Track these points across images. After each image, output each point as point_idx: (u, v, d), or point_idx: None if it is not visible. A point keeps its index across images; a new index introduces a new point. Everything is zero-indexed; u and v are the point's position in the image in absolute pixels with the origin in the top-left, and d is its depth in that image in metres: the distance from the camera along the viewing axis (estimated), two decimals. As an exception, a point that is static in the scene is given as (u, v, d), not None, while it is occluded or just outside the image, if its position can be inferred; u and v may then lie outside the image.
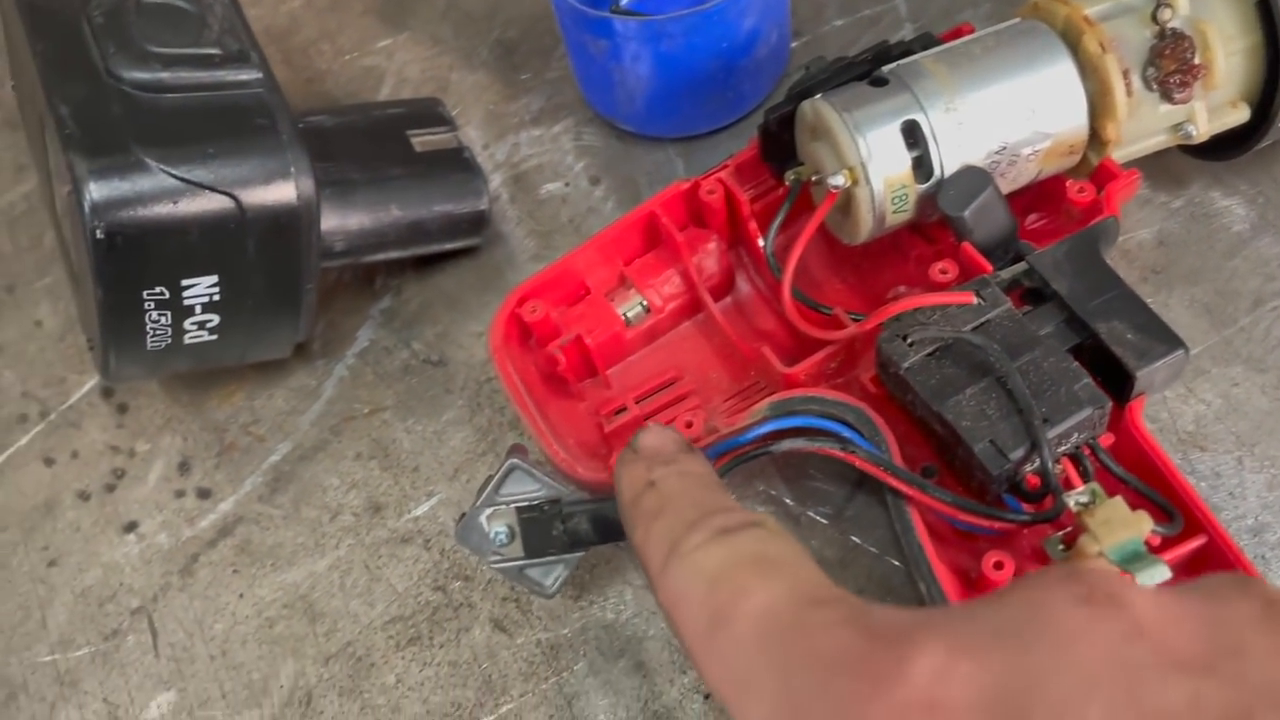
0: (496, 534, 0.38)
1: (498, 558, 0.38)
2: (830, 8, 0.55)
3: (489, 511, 0.38)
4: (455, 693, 0.42)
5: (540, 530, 0.38)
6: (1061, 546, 0.35)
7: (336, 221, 0.45)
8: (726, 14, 0.46)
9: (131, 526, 0.47)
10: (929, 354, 0.38)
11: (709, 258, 0.46)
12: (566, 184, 0.53)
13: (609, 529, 0.38)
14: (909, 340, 0.38)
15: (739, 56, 0.49)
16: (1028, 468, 0.36)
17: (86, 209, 0.38)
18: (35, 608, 0.46)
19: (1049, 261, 0.40)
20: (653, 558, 0.29)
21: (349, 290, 0.51)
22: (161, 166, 0.39)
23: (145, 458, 0.48)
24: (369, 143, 0.48)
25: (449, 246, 0.50)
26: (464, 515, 0.39)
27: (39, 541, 0.47)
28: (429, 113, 0.51)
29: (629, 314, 0.45)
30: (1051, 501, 0.35)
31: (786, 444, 0.39)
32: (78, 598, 0.46)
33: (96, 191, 0.38)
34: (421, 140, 0.49)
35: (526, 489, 0.38)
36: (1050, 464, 0.34)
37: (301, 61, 0.58)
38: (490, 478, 0.39)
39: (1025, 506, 0.36)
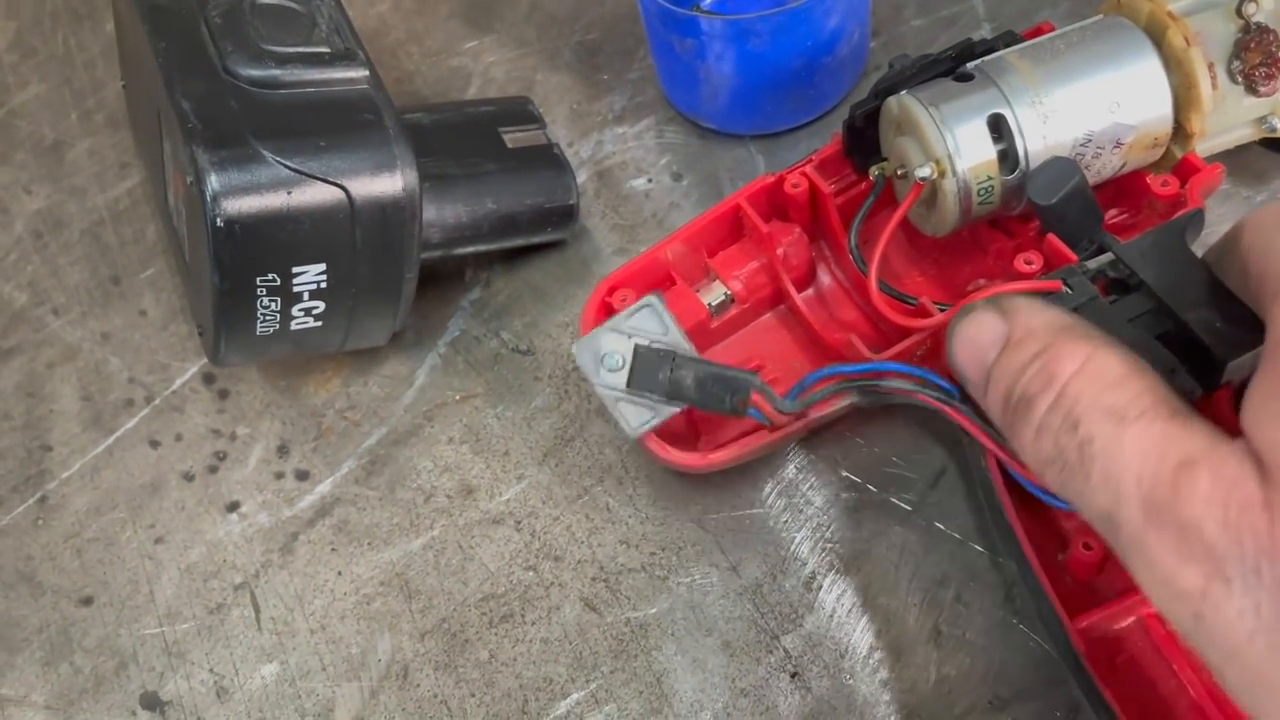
0: (610, 357, 0.39)
1: (602, 381, 0.39)
2: (909, 7, 0.56)
3: (612, 335, 0.39)
4: (547, 668, 0.43)
5: (648, 368, 0.39)
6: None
7: (434, 214, 0.47)
8: (813, 13, 0.47)
9: (234, 506, 0.49)
10: (1017, 341, 0.38)
11: (792, 249, 0.47)
12: (649, 180, 0.54)
13: (710, 396, 0.39)
14: (997, 328, 0.39)
15: (822, 55, 0.50)
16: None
17: (208, 198, 0.40)
18: (144, 582, 0.48)
19: (1135, 251, 0.40)
20: None
21: (440, 282, 0.53)
22: (277, 158, 0.41)
23: (246, 441, 0.50)
24: (464, 139, 0.50)
25: (538, 240, 0.51)
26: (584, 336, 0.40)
27: (146, 520, 0.49)
28: (519, 111, 0.52)
29: (713, 303, 0.46)
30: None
31: (894, 383, 0.39)
32: (183, 573, 0.48)
33: (217, 182, 0.40)
34: (513, 137, 0.50)
35: (653, 328, 0.40)
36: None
37: (391, 62, 0.60)
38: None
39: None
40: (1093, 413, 0.26)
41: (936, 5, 0.56)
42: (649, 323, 0.39)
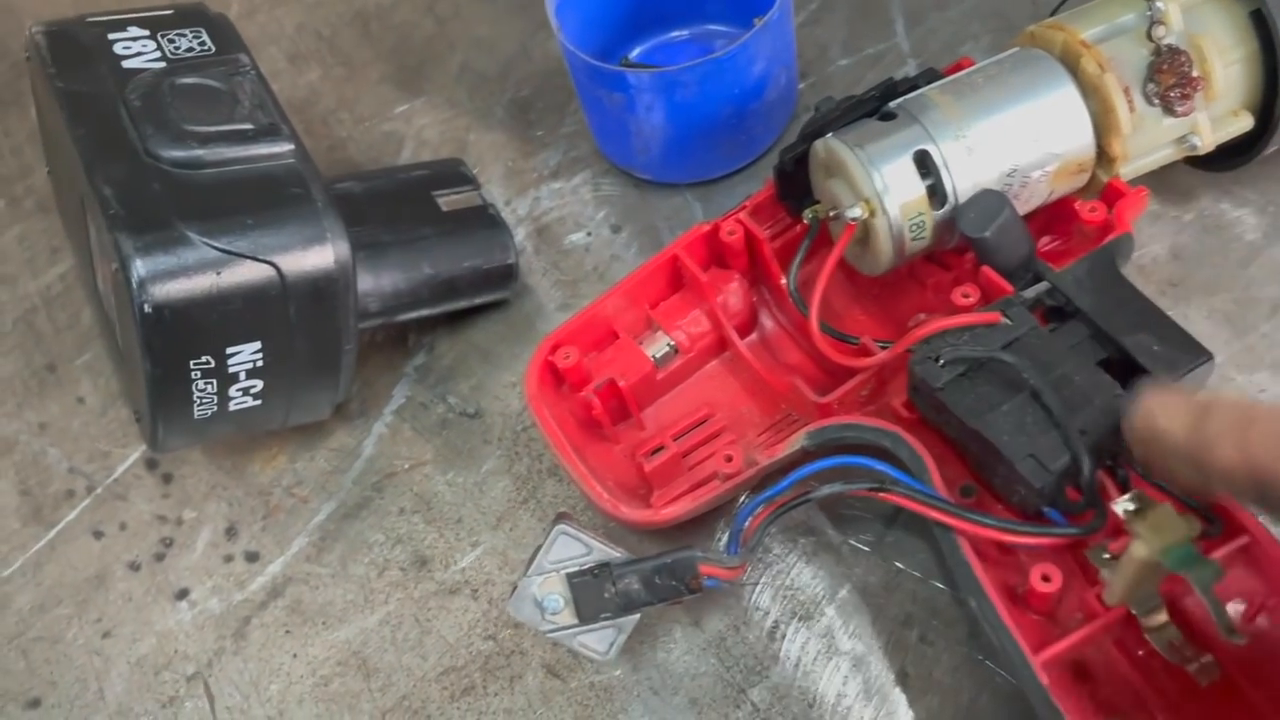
0: (549, 600, 0.38)
1: (551, 625, 0.38)
2: (834, 48, 0.57)
3: (540, 580, 0.38)
4: (512, 739, 0.42)
5: (592, 594, 0.38)
6: (1107, 555, 0.35)
7: (371, 283, 0.46)
8: (736, 60, 0.48)
9: (183, 594, 0.48)
10: (961, 374, 0.39)
11: (732, 296, 0.47)
12: (588, 233, 0.54)
13: (661, 589, 0.38)
14: (941, 361, 0.39)
15: (749, 101, 0.50)
16: (1067, 480, 0.36)
17: (134, 285, 0.39)
18: (92, 679, 0.46)
19: (1070, 280, 0.41)
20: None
21: (383, 349, 0.52)
22: (204, 239, 0.40)
23: (192, 525, 0.49)
24: (397, 205, 0.49)
25: (479, 301, 0.51)
26: (515, 586, 0.38)
27: (93, 614, 0.48)
28: (452, 173, 0.52)
29: (658, 355, 0.46)
30: (1092, 514, 0.36)
31: (825, 490, 0.39)
32: (133, 667, 0.46)
33: (143, 267, 0.39)
34: (447, 199, 0.50)
35: (575, 554, 0.38)
36: (1092, 475, 0.35)
37: (322, 130, 0.60)
38: (539, 546, 0.39)
39: (1070, 520, 0.37)
40: None
41: (861, 44, 0.57)
42: (569, 549, 0.38)
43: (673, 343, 0.46)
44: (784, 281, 0.45)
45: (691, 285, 0.47)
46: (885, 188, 0.41)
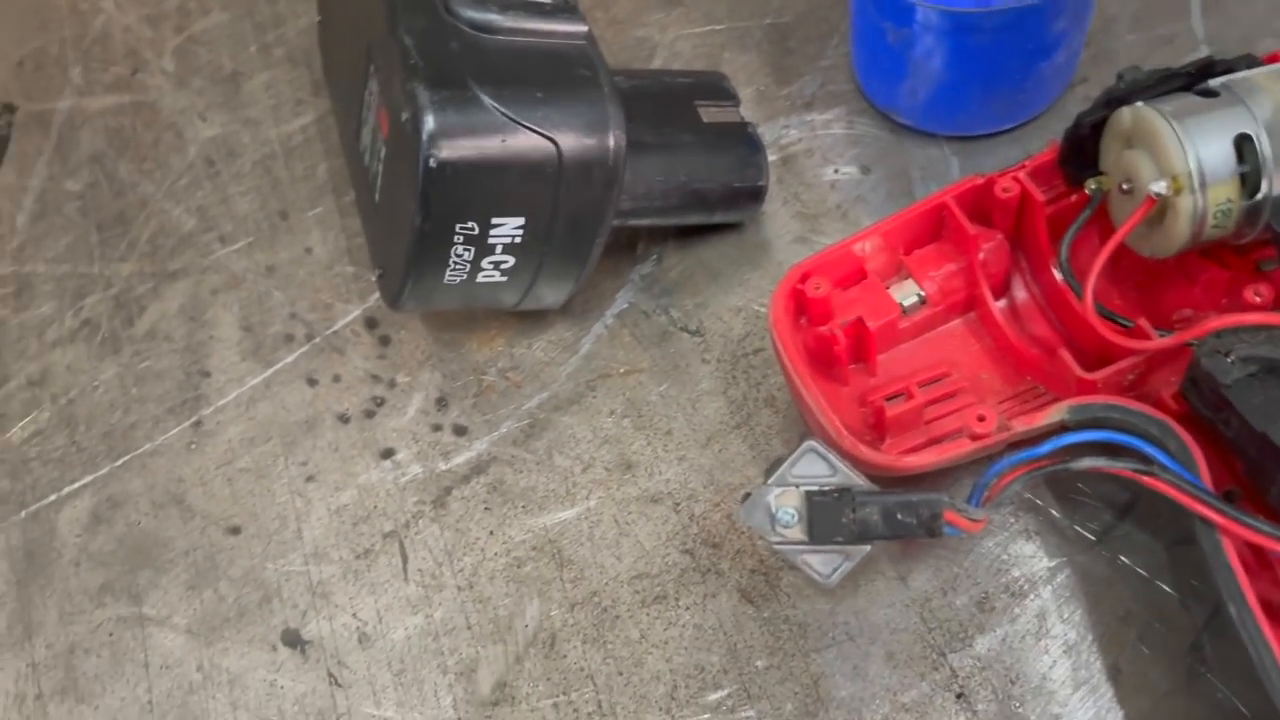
0: (783, 513, 0.38)
1: (780, 538, 0.38)
2: (1122, 21, 0.54)
3: (779, 491, 0.38)
4: (699, 656, 0.42)
5: (828, 516, 0.37)
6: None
7: (628, 180, 0.46)
8: (1043, 13, 0.45)
9: (388, 453, 0.48)
10: (1251, 374, 0.37)
11: (992, 256, 0.45)
12: (836, 170, 0.53)
13: (899, 525, 0.37)
14: (1231, 358, 0.37)
15: (1039, 60, 0.48)
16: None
17: (424, 137, 0.39)
18: (292, 518, 0.48)
19: None
20: None
21: (612, 253, 0.52)
22: (494, 104, 0.40)
23: (405, 390, 0.50)
24: (661, 108, 0.48)
25: (720, 219, 0.50)
26: (749, 493, 0.38)
27: (299, 456, 0.49)
28: (715, 86, 0.51)
29: (905, 302, 0.45)
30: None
31: (1087, 462, 0.37)
32: (333, 514, 0.47)
33: (434, 122, 0.39)
34: (709, 111, 0.49)
35: (819, 473, 0.38)
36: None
37: (574, 27, 0.59)
38: (781, 458, 0.38)
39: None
40: None
41: (1152, 22, 0.54)
42: (814, 467, 0.38)
43: (922, 293, 0.45)
44: (1062, 249, 0.43)
45: (952, 237, 0.45)
46: (1199, 166, 0.39)
